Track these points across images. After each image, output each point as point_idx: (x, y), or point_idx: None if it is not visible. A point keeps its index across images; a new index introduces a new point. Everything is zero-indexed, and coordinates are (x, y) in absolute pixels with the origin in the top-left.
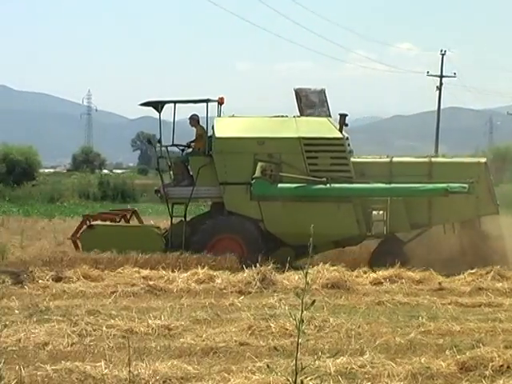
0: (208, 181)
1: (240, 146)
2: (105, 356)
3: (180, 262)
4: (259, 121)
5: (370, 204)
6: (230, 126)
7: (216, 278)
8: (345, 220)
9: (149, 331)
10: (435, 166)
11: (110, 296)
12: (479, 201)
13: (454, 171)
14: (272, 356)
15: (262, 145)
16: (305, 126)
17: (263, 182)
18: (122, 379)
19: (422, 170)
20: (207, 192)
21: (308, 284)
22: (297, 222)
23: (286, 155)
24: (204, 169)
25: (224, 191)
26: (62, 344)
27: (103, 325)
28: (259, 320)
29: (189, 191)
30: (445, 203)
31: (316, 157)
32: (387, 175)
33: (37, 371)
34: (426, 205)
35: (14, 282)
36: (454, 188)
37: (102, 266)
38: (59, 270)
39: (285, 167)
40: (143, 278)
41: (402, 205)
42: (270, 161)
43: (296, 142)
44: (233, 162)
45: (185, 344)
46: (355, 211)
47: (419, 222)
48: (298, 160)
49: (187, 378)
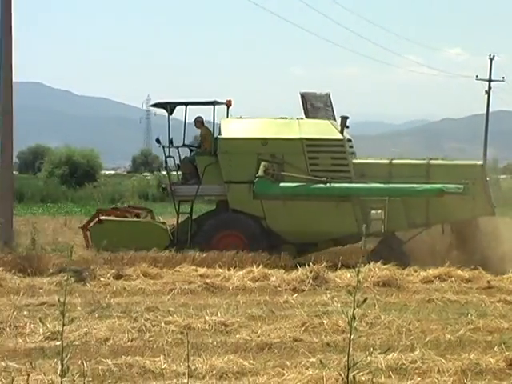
0: (213, 179)
1: (244, 146)
2: (163, 351)
3: (236, 261)
4: (263, 122)
5: (369, 203)
6: (236, 127)
7: (271, 276)
8: (344, 219)
9: (206, 327)
10: (433, 167)
11: (169, 293)
12: (475, 202)
13: (451, 173)
14: (325, 352)
15: (266, 145)
16: (307, 128)
17: (265, 181)
18: (179, 373)
19: (420, 171)
20: (212, 190)
21: (360, 282)
22: (297, 220)
23: (288, 155)
24: (210, 168)
25: (228, 190)
26: (122, 339)
27: (162, 321)
28: (312, 317)
29: (195, 189)
30: (442, 204)
31: (317, 157)
32: (386, 176)
33: (98, 365)
34: (424, 205)
35: (77, 279)
36: (450, 189)
37: (161, 264)
38: (120, 268)
39: (287, 167)
40: (200, 276)
41: (400, 205)
42: (273, 161)
43: (298, 142)
44: (237, 162)
45: (240, 340)
46: (354, 210)
47: (417, 222)
48: (299, 160)
49: (243, 372)
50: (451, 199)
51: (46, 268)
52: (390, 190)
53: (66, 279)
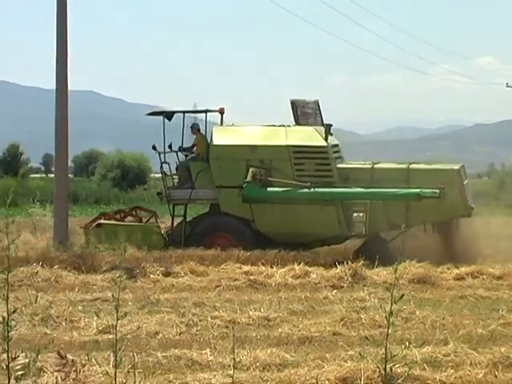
0: (206, 184)
1: (234, 152)
2: (210, 344)
3: (278, 259)
4: (252, 130)
5: (351, 206)
6: (226, 135)
7: (311, 274)
8: (327, 221)
9: (250, 322)
10: (412, 172)
11: (215, 289)
12: (452, 204)
13: (429, 177)
14: (362, 345)
15: (254, 151)
16: (293, 135)
17: (253, 186)
18: (225, 365)
19: (400, 175)
20: (205, 194)
21: (396, 279)
22: (284, 223)
23: (275, 161)
24: (202, 173)
25: (220, 194)
26: (171, 333)
27: (208, 316)
28: (351, 312)
29: (188, 193)
30: (421, 206)
31: (302, 163)
32: (369, 180)
33: (149, 357)
34: (404, 207)
35: (129, 276)
36: (426, 193)
37: (207, 262)
38: (168, 266)
39: (274, 172)
40: (244, 273)
41: (381, 207)
42: (261, 166)
43: (284, 149)
44: (227, 167)
45: (282, 334)
46: (337, 213)
47: (397, 224)
48: (286, 166)
49: (285, 364)
50: (429, 202)
51: (100, 266)
52: (370, 194)
53: (117, 276)
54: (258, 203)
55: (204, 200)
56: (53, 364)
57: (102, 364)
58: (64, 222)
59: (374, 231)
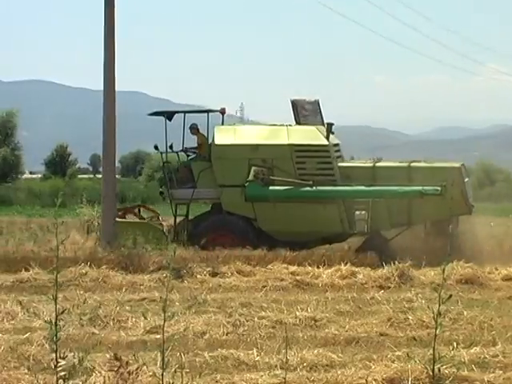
0: (208, 183)
1: (236, 152)
2: (257, 344)
3: (325, 259)
4: (254, 129)
5: (353, 205)
6: (228, 134)
7: (358, 274)
8: (329, 219)
9: (296, 322)
10: (414, 170)
11: (261, 290)
12: (453, 202)
13: (430, 175)
14: (410, 346)
15: (256, 151)
16: (294, 134)
17: (256, 185)
18: (272, 365)
19: (402, 173)
20: (207, 194)
21: (444, 280)
22: (286, 221)
23: (277, 160)
24: (204, 172)
25: (222, 193)
26: (218, 333)
27: (255, 316)
28: (398, 312)
29: (190, 193)
30: (422, 204)
31: (304, 162)
32: (370, 178)
33: (196, 357)
34: (406, 206)
35: (175, 277)
36: (428, 190)
37: (254, 262)
38: (215, 266)
39: (276, 171)
40: (291, 274)
41: (383, 206)
42: (263, 165)
43: (286, 148)
44: (230, 167)
45: (329, 334)
46: (339, 211)
47: (399, 222)
48: (288, 165)
49: (332, 365)
50: (431, 200)
51: (147, 266)
52: (372, 192)
53: (164, 276)
54: (260, 202)
55: (206, 199)
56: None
57: (148, 364)
58: (111, 223)
59: (376, 229)
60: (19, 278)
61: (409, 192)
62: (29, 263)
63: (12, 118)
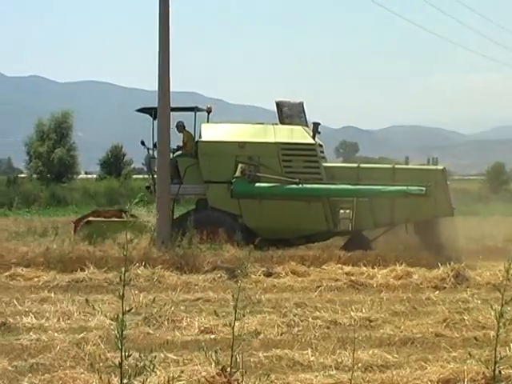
0: (194, 179)
1: (223, 148)
2: (311, 344)
3: (379, 259)
4: (241, 127)
5: (338, 203)
6: (215, 131)
7: (413, 274)
8: (314, 217)
9: (351, 322)
10: (398, 171)
11: (316, 290)
12: (436, 203)
13: (414, 177)
14: (466, 347)
15: (243, 148)
16: (281, 133)
17: (243, 182)
18: (326, 366)
19: (385, 175)
20: (193, 189)
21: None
22: (272, 218)
23: (263, 158)
24: (190, 169)
25: (208, 189)
26: (272, 333)
27: (309, 316)
28: (453, 313)
29: (176, 188)
30: (405, 204)
31: (290, 160)
32: (355, 179)
33: (250, 357)
34: (389, 206)
35: (230, 277)
36: (413, 190)
37: (308, 262)
38: (269, 266)
39: (262, 169)
40: (346, 274)
41: (367, 205)
42: (250, 162)
43: (273, 146)
44: (216, 163)
45: (384, 334)
46: (324, 209)
47: (382, 221)
48: (274, 162)
49: (387, 365)
50: (414, 201)
51: (201, 266)
52: (358, 191)
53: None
54: (246, 199)
55: (192, 195)
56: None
57: (203, 364)
58: (166, 223)
59: (360, 228)
60: (75, 278)
61: (394, 191)
62: (84, 263)
63: (67, 118)
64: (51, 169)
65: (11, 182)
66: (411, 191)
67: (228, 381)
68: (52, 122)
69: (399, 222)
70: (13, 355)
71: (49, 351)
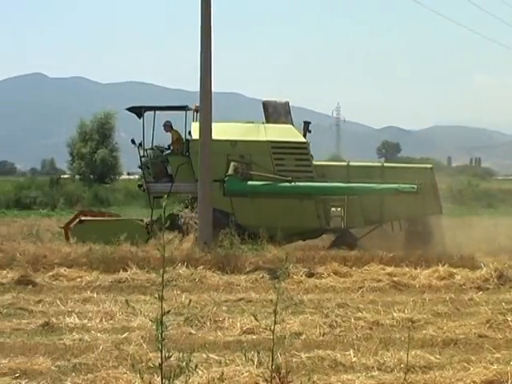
0: (186, 178)
1: (215, 147)
2: (353, 345)
3: (422, 260)
4: (232, 126)
5: (329, 201)
6: None
7: (456, 275)
8: (307, 215)
9: (393, 323)
10: (387, 170)
11: (358, 290)
12: (425, 201)
13: (403, 175)
14: (509, 348)
15: (235, 146)
16: (272, 131)
17: (235, 180)
18: (369, 367)
19: (375, 173)
20: (185, 187)
21: None
22: (264, 216)
23: (255, 156)
24: (182, 167)
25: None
26: (314, 334)
27: (351, 317)
28: (497, 314)
29: (168, 187)
30: (395, 203)
31: (282, 158)
32: (344, 177)
33: (292, 358)
34: (379, 204)
35: (272, 277)
36: (405, 188)
37: (350, 263)
38: (311, 267)
39: (254, 167)
40: (388, 275)
41: (358, 203)
42: (242, 161)
43: (264, 144)
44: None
45: (427, 335)
46: (316, 207)
47: (372, 219)
48: (266, 161)
49: (429, 366)
50: (403, 199)
51: (243, 266)
52: (350, 189)
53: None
54: (238, 197)
55: (184, 193)
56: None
57: (245, 364)
58: (208, 223)
59: (350, 226)
60: (117, 278)
61: (385, 189)
62: (127, 263)
63: (110, 119)
64: (94, 170)
65: (54, 182)
66: (403, 189)
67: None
68: (94, 123)
69: (389, 220)
70: (56, 355)
71: (91, 351)
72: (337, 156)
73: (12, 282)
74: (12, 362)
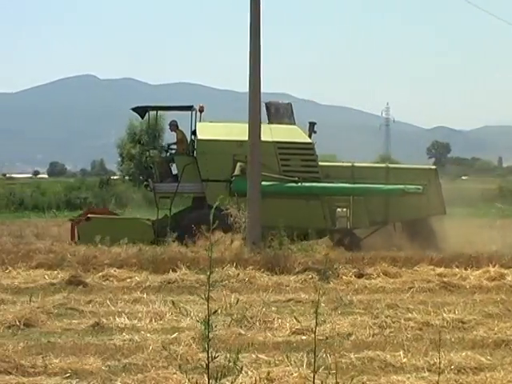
0: (191, 178)
1: (221, 147)
2: (403, 346)
3: (472, 261)
4: (237, 126)
5: (334, 202)
6: (212, 130)
7: (506, 276)
8: (313, 215)
9: (444, 324)
10: (391, 171)
11: (408, 291)
12: (429, 202)
13: (407, 176)
14: None
15: (241, 147)
16: (278, 132)
17: (242, 180)
18: (419, 368)
19: (379, 174)
20: (191, 188)
21: None
22: (270, 216)
23: (261, 156)
24: (188, 167)
25: (206, 187)
26: (364, 334)
27: (401, 317)
28: None
29: (174, 187)
30: (400, 203)
31: (288, 159)
32: (349, 178)
33: (342, 359)
34: (384, 204)
35: (321, 278)
36: (410, 189)
37: (400, 263)
38: (361, 267)
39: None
40: (438, 275)
41: (363, 204)
42: (247, 161)
43: (271, 145)
44: (214, 162)
45: (477, 336)
46: (322, 207)
47: (377, 220)
48: (272, 161)
49: (480, 368)
50: (408, 199)
51: (293, 267)
52: (356, 189)
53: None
54: (245, 197)
55: (190, 193)
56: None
57: (294, 365)
58: (257, 224)
59: (356, 226)
60: (167, 279)
61: (391, 190)
62: (176, 264)
63: (158, 120)
64: (143, 170)
65: (104, 183)
66: (409, 190)
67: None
68: (144, 124)
69: (393, 221)
70: (106, 355)
71: (141, 351)
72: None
73: (63, 283)
74: (63, 362)
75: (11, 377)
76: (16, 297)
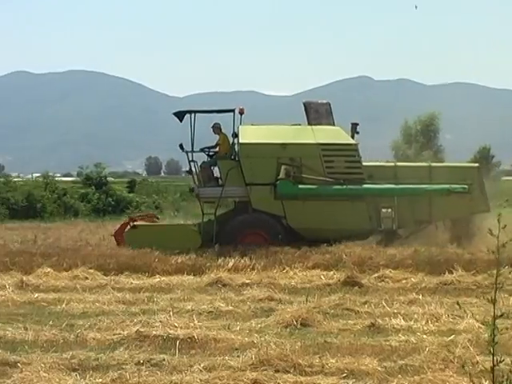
0: (235, 182)
1: (265, 150)
2: None
3: None
4: (280, 128)
5: (380, 202)
6: (255, 133)
7: None
8: (358, 217)
9: None
10: (434, 169)
11: None
12: (473, 200)
13: (450, 174)
14: None
15: (285, 149)
16: (321, 134)
17: (287, 183)
18: None
19: (423, 173)
20: (235, 192)
21: None
22: (316, 219)
23: (305, 159)
24: (232, 171)
25: (250, 191)
26: None
27: None
28: None
29: (218, 191)
30: (443, 202)
31: (332, 160)
32: (392, 178)
33: None
34: (428, 203)
35: None
36: (456, 188)
37: None
38: None
39: (304, 170)
40: None
41: (407, 203)
42: (292, 164)
43: (314, 147)
44: (258, 165)
45: None
46: (368, 208)
47: (421, 219)
48: (316, 163)
49: None
50: (452, 198)
51: None
52: (401, 190)
53: None
54: (290, 200)
55: (234, 198)
56: None
57: None
58: None
59: (401, 226)
60: (443, 280)
61: (437, 190)
62: (452, 265)
63: (434, 120)
64: None
65: None
66: (454, 189)
67: None
68: (418, 125)
69: (437, 220)
70: (382, 356)
71: (417, 353)
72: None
73: (339, 283)
74: (339, 362)
75: (289, 375)
76: (293, 297)
